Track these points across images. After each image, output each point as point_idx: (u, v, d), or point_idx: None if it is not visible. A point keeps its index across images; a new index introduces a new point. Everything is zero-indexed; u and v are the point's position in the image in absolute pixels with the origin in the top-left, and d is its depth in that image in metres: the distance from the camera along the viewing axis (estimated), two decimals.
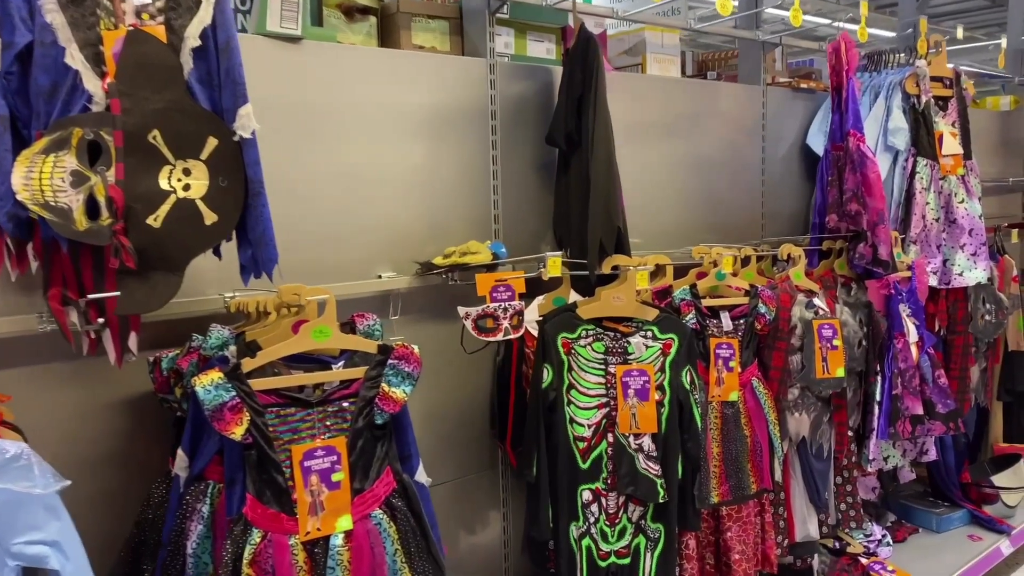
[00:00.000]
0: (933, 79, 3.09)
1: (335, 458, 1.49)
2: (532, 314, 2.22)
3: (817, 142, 3.11)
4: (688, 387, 2.12)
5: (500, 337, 1.99)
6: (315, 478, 1.47)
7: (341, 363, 1.57)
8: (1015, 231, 3.55)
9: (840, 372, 2.44)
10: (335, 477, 1.48)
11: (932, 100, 3.06)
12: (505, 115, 2.30)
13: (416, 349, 1.58)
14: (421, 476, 1.64)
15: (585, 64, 2.15)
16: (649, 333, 2.12)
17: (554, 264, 1.97)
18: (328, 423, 1.51)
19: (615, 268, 2.12)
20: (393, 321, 2.06)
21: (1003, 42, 3.52)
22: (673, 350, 2.12)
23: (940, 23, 11.31)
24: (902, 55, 3.21)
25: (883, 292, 2.74)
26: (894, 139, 3.00)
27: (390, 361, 1.55)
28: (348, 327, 1.68)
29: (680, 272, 2.46)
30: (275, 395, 1.47)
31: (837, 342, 2.45)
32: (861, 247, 2.65)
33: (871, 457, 2.74)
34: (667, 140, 2.76)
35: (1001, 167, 4.47)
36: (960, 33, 3.24)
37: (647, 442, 2.08)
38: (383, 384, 1.53)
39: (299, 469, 1.46)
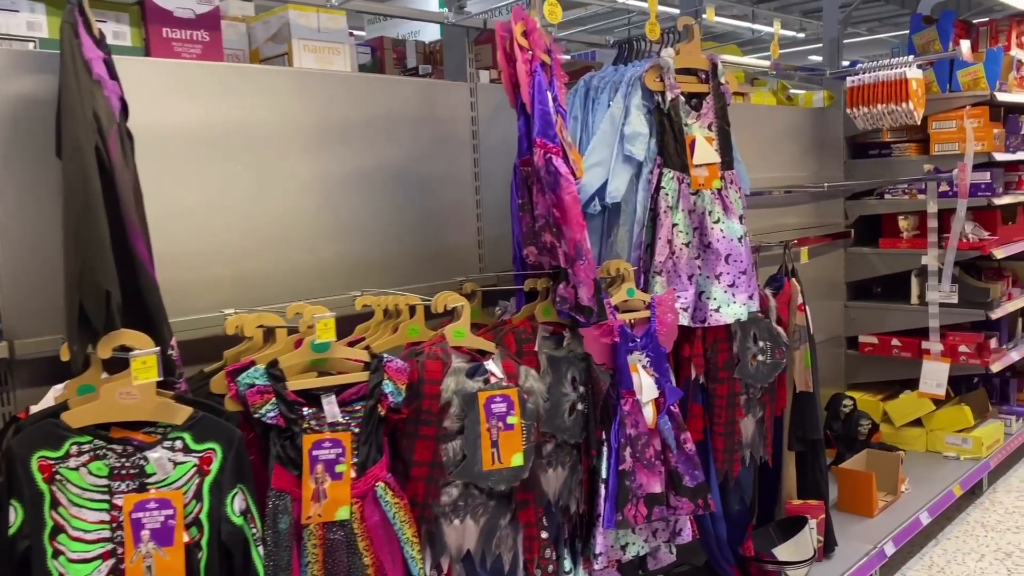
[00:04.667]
0: (683, 72, 2.53)
1: None
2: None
3: None
4: (239, 519, 1.47)
5: None
6: None
7: None
8: (804, 249, 3.04)
9: (517, 460, 1.83)
10: None
11: (681, 98, 2.50)
12: (9, 124, 1.61)
13: None
14: None
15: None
16: (179, 443, 1.46)
17: None
18: None
19: (122, 349, 1.44)
20: None
21: (776, 27, 3.01)
22: (215, 466, 1.46)
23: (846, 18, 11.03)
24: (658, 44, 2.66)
25: (605, 341, 2.15)
26: (631, 147, 2.43)
27: None
28: None
29: (342, 330, 1.80)
30: None
31: (513, 419, 1.84)
32: (562, 288, 2.05)
33: (598, 551, 2.15)
34: (334, 153, 2.12)
35: (816, 170, 4.00)
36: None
37: None
38: None
39: None
